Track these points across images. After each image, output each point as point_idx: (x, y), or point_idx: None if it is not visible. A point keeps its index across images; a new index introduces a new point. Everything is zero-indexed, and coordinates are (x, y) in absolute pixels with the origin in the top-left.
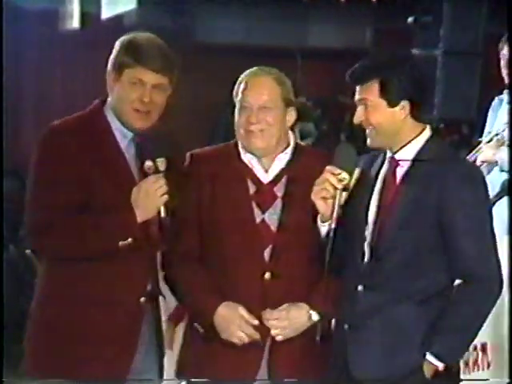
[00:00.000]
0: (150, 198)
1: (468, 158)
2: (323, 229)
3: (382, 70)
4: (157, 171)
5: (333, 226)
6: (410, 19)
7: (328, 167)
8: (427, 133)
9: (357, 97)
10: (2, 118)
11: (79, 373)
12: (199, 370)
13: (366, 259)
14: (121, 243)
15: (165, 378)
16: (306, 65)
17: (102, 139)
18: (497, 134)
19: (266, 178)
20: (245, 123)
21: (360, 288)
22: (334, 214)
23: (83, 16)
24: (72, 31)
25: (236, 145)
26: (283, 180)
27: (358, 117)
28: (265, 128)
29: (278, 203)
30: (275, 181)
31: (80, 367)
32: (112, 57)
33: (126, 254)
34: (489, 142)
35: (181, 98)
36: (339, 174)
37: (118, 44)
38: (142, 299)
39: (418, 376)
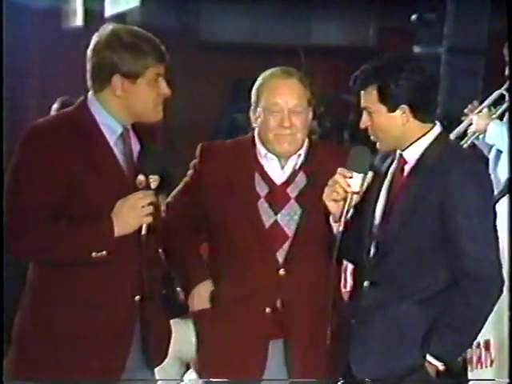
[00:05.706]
0: (133, 213)
1: (457, 129)
2: (335, 228)
3: (380, 75)
4: (147, 188)
5: (340, 228)
6: (414, 17)
7: (340, 169)
8: (436, 130)
9: (361, 103)
10: (3, 116)
11: (72, 374)
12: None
13: (371, 255)
14: (94, 254)
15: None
16: (309, 62)
17: (89, 136)
18: (490, 106)
19: (279, 179)
20: (276, 127)
21: (366, 284)
22: (343, 218)
23: (86, 14)
24: (75, 29)
25: (254, 143)
26: (296, 180)
27: (364, 122)
28: (294, 132)
29: (293, 204)
30: (288, 181)
31: (73, 368)
32: (120, 59)
33: (116, 257)
34: (479, 112)
35: (185, 95)
36: (351, 177)
37: (123, 44)
38: (137, 297)
39: (418, 375)
